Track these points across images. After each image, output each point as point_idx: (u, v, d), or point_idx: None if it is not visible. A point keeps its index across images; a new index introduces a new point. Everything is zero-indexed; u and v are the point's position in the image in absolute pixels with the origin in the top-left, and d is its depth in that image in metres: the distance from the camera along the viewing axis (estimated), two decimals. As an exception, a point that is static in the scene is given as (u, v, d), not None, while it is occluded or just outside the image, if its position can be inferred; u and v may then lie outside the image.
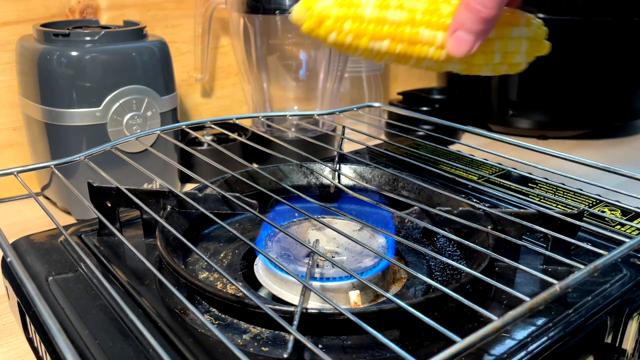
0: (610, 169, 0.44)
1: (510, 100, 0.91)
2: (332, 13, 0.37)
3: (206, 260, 0.33)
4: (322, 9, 0.37)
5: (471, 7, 0.35)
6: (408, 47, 0.38)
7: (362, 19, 0.37)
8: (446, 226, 0.42)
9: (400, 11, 0.37)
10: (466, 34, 0.36)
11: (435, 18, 0.37)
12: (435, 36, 0.38)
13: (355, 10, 0.37)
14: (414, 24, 0.37)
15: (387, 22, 0.37)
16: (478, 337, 0.24)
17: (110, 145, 0.48)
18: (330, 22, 0.37)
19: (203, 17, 0.79)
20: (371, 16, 0.37)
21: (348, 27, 0.37)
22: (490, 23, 0.36)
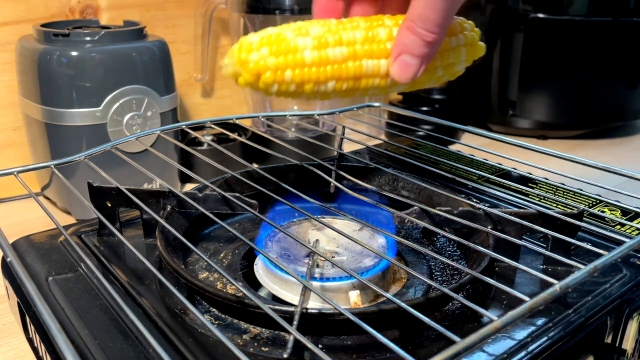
0: (610, 169, 0.44)
1: (510, 100, 0.91)
2: (270, 63, 0.34)
3: (206, 260, 0.33)
4: (258, 60, 0.34)
5: (415, 30, 0.34)
6: (354, 82, 0.37)
7: (303, 63, 0.35)
8: (446, 226, 0.42)
9: (340, 47, 0.35)
10: (411, 58, 0.35)
11: (375, 45, 0.36)
12: (379, 65, 0.37)
13: (294, 56, 0.34)
14: (356, 56, 0.36)
15: (329, 61, 0.35)
16: (478, 337, 0.24)
17: (110, 145, 0.48)
18: (270, 74, 0.34)
19: (203, 17, 0.79)
20: (312, 59, 0.35)
21: (290, 76, 0.35)
22: (435, 46, 0.35)
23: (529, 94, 0.90)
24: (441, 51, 0.38)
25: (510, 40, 0.88)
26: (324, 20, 0.37)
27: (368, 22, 0.37)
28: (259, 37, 0.35)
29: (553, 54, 0.86)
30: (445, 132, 0.82)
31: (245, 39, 0.35)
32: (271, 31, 0.35)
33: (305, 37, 0.35)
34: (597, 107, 0.90)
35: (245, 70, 0.34)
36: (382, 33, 0.37)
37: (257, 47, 0.34)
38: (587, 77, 0.88)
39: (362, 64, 0.36)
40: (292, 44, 0.34)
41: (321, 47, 0.35)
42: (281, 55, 0.34)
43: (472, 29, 0.41)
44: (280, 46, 0.34)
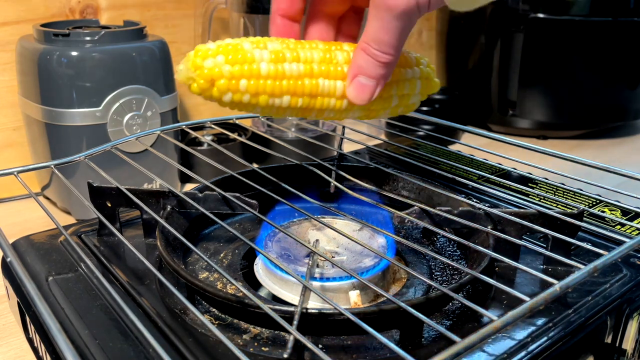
0: (610, 169, 0.44)
1: (510, 100, 0.92)
2: (225, 71, 0.34)
3: (206, 260, 0.33)
4: (213, 66, 0.33)
5: (370, 52, 0.34)
6: (310, 100, 0.37)
7: (259, 75, 0.34)
8: (446, 226, 0.42)
9: (297, 63, 0.35)
10: (367, 79, 0.36)
11: (332, 67, 0.36)
12: (335, 86, 0.37)
13: (250, 66, 0.34)
14: (313, 75, 0.36)
15: (285, 76, 0.35)
16: (478, 337, 0.24)
17: (110, 145, 0.48)
18: (224, 82, 0.34)
19: (203, 17, 0.79)
20: (268, 71, 0.34)
21: (244, 86, 0.34)
22: (390, 67, 0.35)
23: (529, 94, 0.90)
24: (396, 81, 0.39)
25: (510, 40, 0.88)
26: (282, 38, 0.37)
27: (327, 45, 0.37)
28: (215, 45, 0.34)
29: (553, 54, 0.86)
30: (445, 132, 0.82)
31: (202, 45, 0.34)
32: (229, 41, 0.35)
33: (263, 49, 0.35)
34: (597, 107, 0.91)
35: (199, 75, 0.34)
36: (340, 56, 0.37)
37: (213, 54, 0.34)
38: (587, 77, 0.88)
39: (318, 83, 0.36)
40: (249, 54, 0.34)
41: (278, 61, 0.35)
42: (237, 64, 0.34)
43: (428, 65, 0.42)
44: (236, 55, 0.34)
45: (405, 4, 0.32)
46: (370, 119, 0.42)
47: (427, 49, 1.11)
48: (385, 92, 0.38)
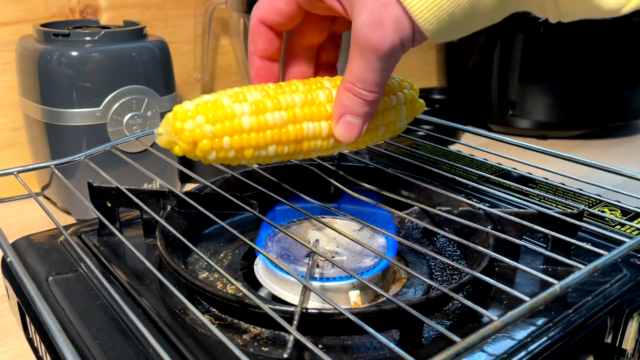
0: (610, 169, 0.44)
1: (510, 100, 0.91)
2: (207, 131, 0.33)
3: (206, 260, 0.33)
4: (194, 128, 0.33)
5: (355, 91, 0.34)
6: (296, 145, 0.36)
7: (242, 129, 0.34)
8: (446, 226, 0.42)
9: (279, 111, 0.35)
10: (354, 118, 0.35)
11: (315, 108, 0.36)
12: (320, 127, 0.37)
13: (232, 122, 0.34)
14: (296, 120, 0.36)
15: (268, 126, 0.35)
16: (478, 337, 0.24)
17: (110, 145, 0.48)
18: (207, 142, 0.33)
19: (203, 17, 0.79)
20: (251, 125, 0.34)
21: (228, 143, 0.34)
22: (376, 104, 0.36)
23: (529, 94, 0.90)
24: (382, 110, 0.39)
25: (510, 40, 0.88)
26: (261, 85, 0.36)
27: (307, 85, 0.37)
28: (194, 105, 0.34)
29: (553, 53, 0.86)
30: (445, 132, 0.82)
31: (180, 107, 0.34)
32: (207, 98, 0.34)
33: (243, 103, 0.34)
34: (597, 107, 0.90)
35: (181, 139, 0.33)
36: (322, 95, 0.37)
37: (192, 115, 0.33)
38: (587, 77, 0.88)
39: (302, 127, 0.36)
40: (229, 110, 0.34)
41: (259, 112, 0.34)
42: (218, 122, 0.33)
43: (411, 87, 0.42)
44: (216, 113, 0.33)
45: (390, 44, 0.32)
46: (357, 148, 0.41)
47: (427, 49, 1.11)
48: (371, 123, 0.37)
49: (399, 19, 0.31)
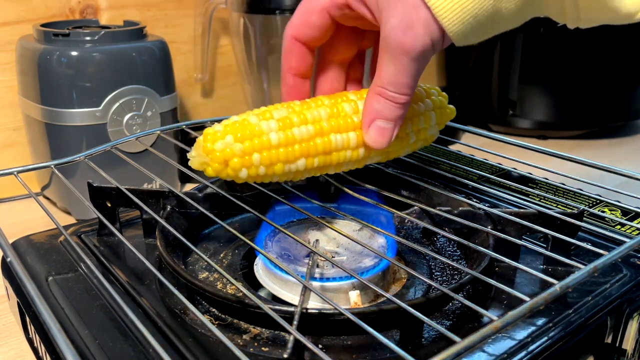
0: (610, 169, 0.44)
1: (510, 100, 0.91)
2: (237, 149, 0.34)
3: (206, 260, 0.33)
4: (224, 147, 0.34)
5: (386, 94, 0.35)
6: (325, 158, 0.37)
7: (270, 145, 0.35)
8: (446, 226, 0.42)
9: (305, 125, 0.36)
10: (385, 122, 0.36)
11: (342, 120, 0.37)
12: (348, 138, 0.37)
13: (260, 139, 0.34)
14: (323, 133, 0.36)
15: (296, 140, 0.35)
16: (478, 337, 0.24)
17: (110, 145, 0.48)
18: (237, 160, 0.34)
19: (203, 17, 0.79)
20: (279, 140, 0.35)
21: (258, 159, 0.34)
22: (407, 106, 0.36)
23: (529, 94, 0.90)
24: (410, 117, 0.39)
25: (510, 40, 0.88)
26: (287, 103, 0.37)
27: (332, 99, 0.37)
28: (222, 126, 0.34)
29: (553, 54, 0.86)
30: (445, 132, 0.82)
31: (210, 129, 0.35)
32: (235, 118, 0.35)
33: (270, 120, 0.35)
34: (597, 107, 0.90)
35: (212, 159, 0.34)
36: (348, 108, 0.37)
37: (222, 136, 0.34)
38: (587, 77, 0.88)
39: (330, 139, 0.36)
40: (257, 128, 0.34)
41: (286, 128, 0.35)
42: (247, 140, 0.34)
43: (439, 94, 0.42)
44: (245, 132, 0.34)
45: (422, 45, 0.32)
46: (389, 159, 0.42)
47: (427, 49, 1.11)
48: (401, 131, 0.38)
49: (428, 21, 0.32)
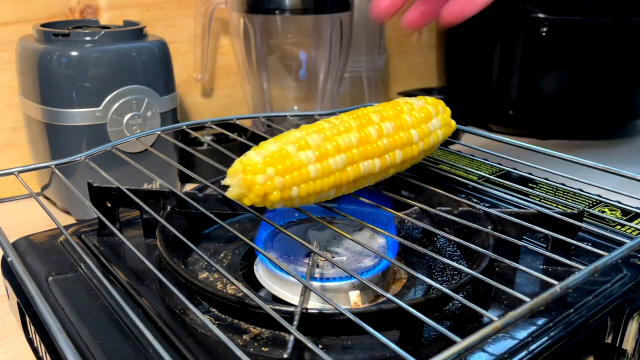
0: (610, 169, 0.44)
1: (510, 100, 0.91)
2: (277, 182, 0.34)
3: (207, 260, 0.33)
4: (265, 181, 0.33)
5: None
6: (353, 185, 0.38)
7: (309, 177, 0.35)
8: (446, 226, 0.42)
9: (339, 155, 0.36)
10: None
11: (369, 146, 0.38)
12: (373, 164, 0.38)
13: (300, 172, 0.34)
14: (354, 161, 0.37)
15: (331, 171, 0.36)
16: (478, 338, 0.24)
17: (111, 145, 0.48)
18: (277, 193, 0.34)
19: (203, 17, 0.79)
20: (317, 172, 0.35)
21: (296, 192, 0.35)
22: None
23: (529, 94, 0.90)
24: (422, 137, 0.42)
25: (510, 40, 0.88)
26: (316, 125, 0.38)
27: (357, 121, 0.38)
28: (262, 157, 0.34)
29: (553, 54, 0.86)
30: (445, 132, 0.82)
31: (248, 159, 0.34)
32: (272, 148, 0.35)
33: (307, 150, 0.35)
34: (597, 107, 0.90)
35: (252, 192, 0.34)
36: (374, 132, 0.38)
37: (262, 169, 0.34)
38: (588, 77, 0.88)
39: (359, 167, 0.38)
40: (296, 159, 0.35)
41: (323, 158, 0.36)
42: (287, 173, 0.34)
43: (444, 110, 0.44)
44: (285, 164, 0.34)
45: None
46: (401, 170, 0.43)
47: (427, 48, 1.11)
48: (414, 151, 0.41)
49: None
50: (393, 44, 1.06)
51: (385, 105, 0.42)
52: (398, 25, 1.05)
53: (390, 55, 1.06)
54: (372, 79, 0.96)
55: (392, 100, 0.43)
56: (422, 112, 0.42)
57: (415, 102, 0.43)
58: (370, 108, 0.41)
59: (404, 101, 0.43)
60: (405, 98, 0.44)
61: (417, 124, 0.42)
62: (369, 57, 0.92)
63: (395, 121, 0.40)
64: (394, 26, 1.04)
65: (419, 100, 0.44)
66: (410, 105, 0.42)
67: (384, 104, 0.42)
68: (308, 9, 0.74)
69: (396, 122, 0.40)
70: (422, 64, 1.11)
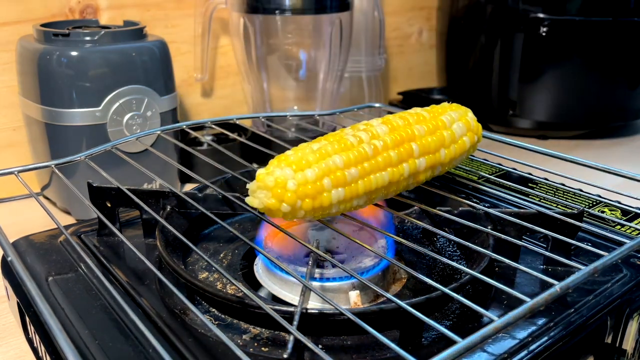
0: (610, 169, 0.44)
1: (510, 100, 0.91)
2: (299, 215, 0.33)
3: (206, 260, 0.33)
4: (290, 210, 0.33)
5: None
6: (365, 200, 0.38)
7: (330, 208, 0.34)
8: (446, 226, 0.42)
9: (365, 194, 0.36)
10: None
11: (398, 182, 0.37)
12: (396, 189, 0.38)
13: (323, 208, 0.34)
14: (377, 194, 0.37)
15: (352, 205, 0.36)
16: (479, 338, 0.24)
17: (111, 145, 0.48)
18: (296, 219, 0.34)
19: (203, 17, 0.79)
20: (339, 209, 0.35)
21: (311, 216, 0.35)
22: None
23: (529, 94, 0.90)
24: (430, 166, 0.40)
25: (510, 40, 0.88)
26: (359, 146, 0.36)
27: (397, 153, 0.37)
28: (296, 186, 0.33)
29: (553, 54, 0.86)
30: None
31: (283, 183, 0.33)
32: (310, 176, 0.33)
33: (339, 187, 0.34)
34: (597, 107, 0.90)
35: (273, 214, 0.33)
36: (407, 170, 0.38)
37: (292, 200, 0.33)
38: (587, 77, 0.88)
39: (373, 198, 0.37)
40: (326, 194, 0.34)
41: (349, 200, 0.35)
42: (315, 212, 0.34)
43: (476, 131, 0.43)
44: (315, 202, 0.33)
45: None
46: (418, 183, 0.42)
47: (427, 49, 1.11)
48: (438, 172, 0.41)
49: None
50: (393, 44, 1.06)
51: (429, 126, 0.40)
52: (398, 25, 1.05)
53: (390, 55, 1.06)
54: (372, 79, 0.96)
55: (438, 117, 0.41)
56: (457, 146, 0.41)
57: (457, 129, 0.41)
58: (415, 128, 0.39)
59: (448, 121, 0.41)
60: (450, 113, 0.42)
61: (448, 160, 0.41)
62: (369, 57, 0.92)
63: (431, 156, 0.39)
64: (394, 26, 1.04)
65: (461, 125, 0.42)
66: (452, 134, 0.41)
67: (429, 121, 0.40)
68: (308, 9, 0.74)
69: (431, 158, 0.39)
70: (422, 64, 1.11)
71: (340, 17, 0.77)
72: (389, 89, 1.07)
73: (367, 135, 0.37)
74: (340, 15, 0.77)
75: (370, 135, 0.37)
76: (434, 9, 1.05)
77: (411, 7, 1.06)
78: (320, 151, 0.35)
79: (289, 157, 0.34)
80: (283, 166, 0.33)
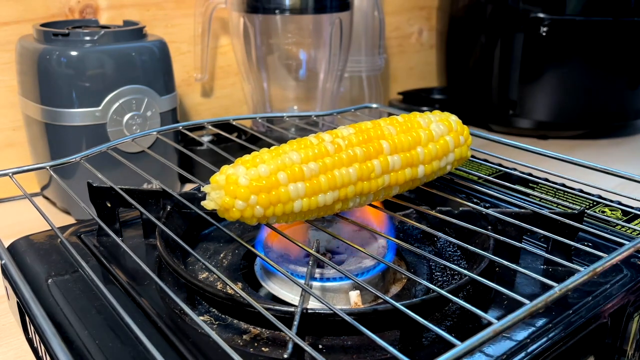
0: (610, 170, 0.44)
1: (510, 100, 0.91)
2: (257, 212, 0.33)
3: (204, 263, 0.33)
4: (245, 207, 0.33)
5: None
6: None
7: (291, 211, 0.34)
8: (446, 227, 0.42)
9: (331, 191, 0.35)
10: None
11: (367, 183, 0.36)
12: (365, 199, 0.38)
13: (284, 205, 0.33)
14: (346, 198, 0.36)
15: (318, 206, 0.35)
16: (478, 341, 0.24)
17: (107, 146, 0.47)
18: (253, 219, 0.33)
19: (203, 17, 0.79)
20: (302, 207, 0.34)
21: (274, 220, 0.34)
22: None
23: (529, 94, 0.90)
24: (429, 174, 0.40)
25: (510, 40, 0.88)
26: (320, 145, 0.35)
27: (365, 149, 0.36)
28: (248, 181, 0.32)
29: (553, 53, 0.86)
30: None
31: (234, 179, 0.32)
32: (263, 171, 0.33)
33: (298, 182, 0.34)
34: (597, 107, 0.90)
35: (228, 214, 0.33)
36: (378, 167, 0.37)
37: (245, 195, 0.32)
38: (587, 77, 0.88)
39: (348, 203, 0.37)
40: (284, 190, 0.33)
41: (313, 194, 0.34)
42: (271, 205, 0.33)
43: (466, 141, 0.42)
44: (270, 194, 0.33)
45: None
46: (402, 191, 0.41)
47: (427, 48, 1.11)
48: (415, 184, 0.40)
49: None
50: (393, 43, 1.06)
51: (402, 127, 0.38)
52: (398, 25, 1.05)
53: (390, 55, 1.06)
54: (372, 79, 0.96)
55: (414, 119, 0.40)
56: (438, 145, 0.39)
57: (436, 129, 0.39)
58: (385, 128, 0.38)
59: (425, 122, 0.40)
60: (428, 116, 0.41)
61: (429, 159, 0.39)
62: (369, 57, 0.92)
63: (406, 154, 0.38)
64: (394, 26, 1.04)
65: (441, 126, 0.40)
66: (429, 133, 0.39)
67: (402, 123, 0.39)
68: (308, 9, 0.74)
69: (406, 156, 0.38)
70: (422, 64, 1.11)
71: (340, 17, 0.77)
72: (389, 89, 1.07)
73: (330, 136, 0.36)
74: (340, 15, 0.77)
75: (333, 135, 0.36)
76: (434, 8, 1.05)
77: (411, 7, 1.06)
78: (276, 150, 0.35)
79: (243, 158, 0.34)
80: (236, 165, 0.33)
